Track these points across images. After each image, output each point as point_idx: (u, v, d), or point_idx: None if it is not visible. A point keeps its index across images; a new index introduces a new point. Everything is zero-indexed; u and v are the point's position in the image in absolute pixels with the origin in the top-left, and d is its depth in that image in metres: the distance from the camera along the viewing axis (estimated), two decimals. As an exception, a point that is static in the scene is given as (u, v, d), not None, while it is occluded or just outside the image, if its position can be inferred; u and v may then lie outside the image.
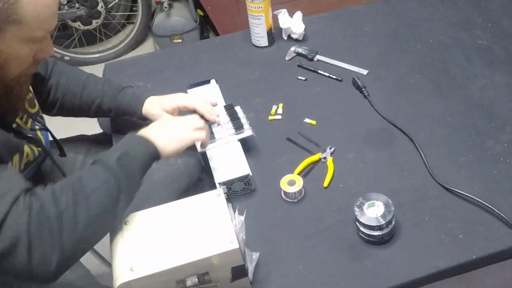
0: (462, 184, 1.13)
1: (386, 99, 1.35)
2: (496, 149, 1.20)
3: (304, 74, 1.45)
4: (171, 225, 0.94)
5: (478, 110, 1.29)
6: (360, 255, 1.05)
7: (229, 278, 0.96)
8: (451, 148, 1.21)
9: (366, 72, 1.42)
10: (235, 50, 1.57)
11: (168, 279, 0.90)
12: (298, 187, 1.14)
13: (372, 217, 1.03)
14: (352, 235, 1.08)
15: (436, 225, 1.07)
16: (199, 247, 0.90)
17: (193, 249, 0.90)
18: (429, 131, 1.26)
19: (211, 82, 1.38)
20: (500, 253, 1.03)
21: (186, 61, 1.57)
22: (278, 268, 1.05)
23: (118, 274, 0.89)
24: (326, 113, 1.34)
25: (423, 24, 1.55)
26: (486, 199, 1.10)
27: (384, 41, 1.52)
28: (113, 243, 0.94)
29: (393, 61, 1.45)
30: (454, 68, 1.40)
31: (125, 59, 1.65)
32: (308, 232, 1.10)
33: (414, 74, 1.40)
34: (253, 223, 1.13)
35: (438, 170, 1.17)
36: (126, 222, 0.96)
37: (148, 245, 0.92)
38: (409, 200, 1.12)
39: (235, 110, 1.26)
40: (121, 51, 2.98)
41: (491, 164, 1.17)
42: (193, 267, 0.90)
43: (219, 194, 0.98)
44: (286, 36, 1.57)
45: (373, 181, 1.17)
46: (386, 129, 1.28)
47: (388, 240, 1.06)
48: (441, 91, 1.35)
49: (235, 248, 0.89)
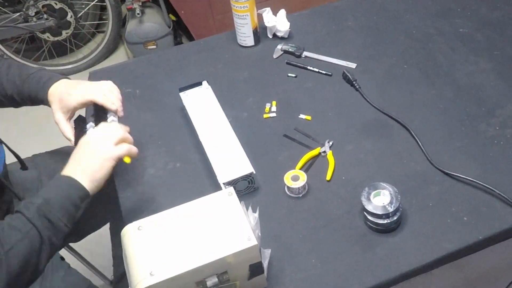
0: (461, 168, 1.16)
1: (377, 90, 1.37)
2: (489, 132, 1.23)
3: (293, 71, 1.46)
4: (186, 227, 0.93)
5: (467, 95, 1.32)
6: (370, 243, 1.06)
7: (247, 276, 0.96)
8: (446, 134, 1.24)
9: (354, 66, 1.44)
10: (221, 51, 1.57)
11: (188, 281, 0.90)
12: (303, 181, 1.15)
13: (380, 206, 1.05)
14: (360, 225, 1.09)
15: (440, 209, 1.10)
16: (217, 246, 0.90)
17: (211, 249, 0.89)
18: (422, 119, 1.28)
19: (203, 83, 1.37)
20: (504, 231, 1.06)
21: (174, 64, 1.55)
22: (291, 263, 1.05)
23: (138, 280, 0.87)
24: (320, 108, 1.35)
25: (404, 15, 1.58)
26: (485, 180, 1.13)
27: (368, 35, 1.54)
28: (128, 250, 0.92)
29: (379, 53, 1.48)
30: (439, 56, 1.44)
31: (111, 67, 1.63)
32: (317, 226, 1.10)
33: (401, 65, 1.43)
34: (260, 220, 1.12)
35: (436, 156, 1.19)
36: (140, 227, 0.94)
37: (165, 249, 0.90)
38: (412, 187, 1.15)
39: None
40: (93, 60, 2.93)
41: (486, 146, 1.20)
42: (212, 267, 0.90)
43: (231, 192, 0.98)
44: (271, 34, 1.58)
45: (374, 171, 1.19)
46: (380, 119, 1.30)
47: (396, 227, 1.08)
48: (429, 79, 1.38)
49: (254, 244, 0.89)
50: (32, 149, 1.56)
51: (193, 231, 0.93)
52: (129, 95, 1.46)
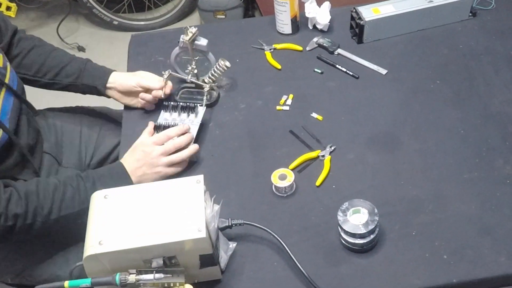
0: (460, 202, 1.08)
1: (400, 102, 1.30)
2: (505, 170, 1.13)
3: (321, 66, 1.41)
4: (148, 205, 0.95)
5: (494, 125, 1.21)
6: (337, 260, 1.03)
7: (198, 264, 0.96)
8: (457, 162, 1.16)
9: (385, 72, 1.37)
10: (258, 34, 1.54)
11: (135, 257, 0.92)
12: (289, 182, 1.13)
13: (354, 225, 1.01)
14: (333, 238, 1.05)
15: (422, 241, 1.03)
16: (167, 230, 0.91)
17: (161, 232, 0.90)
18: (437, 141, 1.20)
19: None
20: (483, 280, 0.98)
21: (210, 39, 1.55)
22: (253, 262, 1.04)
23: (87, 246, 0.91)
24: (334, 109, 1.30)
25: (455, 27, 1.46)
26: (481, 222, 1.05)
27: (410, 42, 1.45)
28: (90, 215, 0.96)
29: (415, 63, 1.39)
30: (479, 78, 1.32)
31: (152, 32, 1.67)
32: (291, 229, 1.08)
33: (434, 79, 1.34)
34: (239, 212, 1.13)
35: (438, 184, 1.12)
36: (106, 196, 0.98)
37: (120, 221, 0.93)
38: (400, 211, 1.08)
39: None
40: (167, 21, 3.01)
41: (496, 185, 1.11)
42: (160, 249, 0.91)
43: (199, 180, 0.98)
44: (312, 25, 1.53)
45: (367, 186, 1.14)
46: (393, 133, 1.23)
47: (368, 249, 1.03)
48: (458, 101, 1.28)
49: (202, 237, 0.89)
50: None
51: (152, 211, 0.94)
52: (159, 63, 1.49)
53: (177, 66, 1.39)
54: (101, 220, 0.94)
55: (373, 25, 1.41)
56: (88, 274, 0.94)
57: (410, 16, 1.42)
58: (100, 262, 0.92)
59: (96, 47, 3.02)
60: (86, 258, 0.90)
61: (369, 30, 1.42)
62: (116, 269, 0.93)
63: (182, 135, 1.22)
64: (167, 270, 0.93)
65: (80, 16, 3.20)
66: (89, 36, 3.11)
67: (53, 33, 3.01)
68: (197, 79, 1.36)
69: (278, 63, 1.43)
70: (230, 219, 1.04)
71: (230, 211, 1.12)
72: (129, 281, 0.89)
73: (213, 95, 1.36)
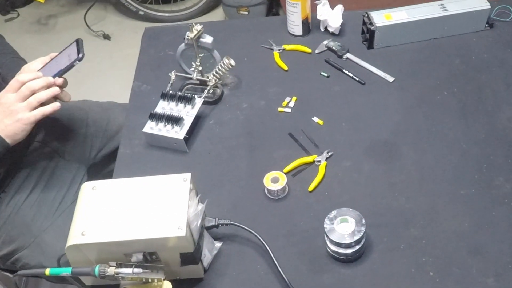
0: (453, 219, 1.06)
1: (403, 112, 1.27)
2: (504, 189, 1.10)
3: (328, 70, 1.39)
4: (133, 199, 0.96)
5: (498, 142, 1.18)
6: (321, 268, 1.02)
7: (179, 262, 0.97)
8: (455, 177, 1.13)
9: (392, 80, 1.34)
10: (269, 34, 1.53)
11: (117, 250, 0.93)
12: (280, 185, 1.12)
13: (340, 234, 0.99)
14: (320, 246, 1.04)
15: (409, 255, 1.01)
16: (148, 226, 0.91)
17: (142, 228, 0.91)
18: (436, 154, 1.17)
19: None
20: (468, 300, 0.95)
21: (221, 36, 1.55)
22: (237, 263, 1.04)
23: (70, 236, 0.92)
24: (337, 114, 1.28)
25: (469, 37, 1.42)
26: (472, 240, 1.02)
27: (421, 50, 1.41)
28: (77, 205, 0.97)
29: (424, 72, 1.36)
30: (488, 91, 1.28)
31: (166, 26, 1.67)
32: (278, 233, 1.08)
33: (442, 90, 1.30)
34: (229, 211, 1.13)
35: (432, 198, 1.09)
36: (94, 187, 0.99)
37: (104, 214, 0.94)
38: (390, 223, 1.07)
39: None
40: (191, 14, 3.02)
41: (493, 204, 1.07)
42: (140, 244, 0.92)
43: (186, 179, 0.98)
44: (323, 28, 1.51)
45: (360, 195, 1.12)
46: (392, 143, 1.21)
47: (354, 259, 1.02)
48: (464, 114, 1.24)
49: (182, 235, 0.90)
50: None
51: (137, 206, 0.95)
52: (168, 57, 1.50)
53: (183, 62, 1.40)
54: (86, 211, 0.95)
55: (384, 31, 1.39)
56: (71, 263, 0.96)
57: (423, 24, 1.39)
58: (82, 253, 0.93)
59: (121, 36, 3.07)
60: (68, 247, 0.92)
61: (380, 36, 1.40)
62: (98, 260, 0.94)
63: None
64: (146, 265, 0.93)
65: (108, 4, 3.24)
66: (115, 25, 3.15)
67: (81, 20, 3.06)
68: (202, 76, 1.37)
69: (285, 64, 1.42)
70: (217, 218, 1.04)
71: (220, 210, 1.13)
72: (108, 273, 0.90)
73: (217, 93, 1.36)
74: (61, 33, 3.15)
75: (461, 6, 1.39)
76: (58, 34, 3.15)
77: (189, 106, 1.27)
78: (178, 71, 1.38)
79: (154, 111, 1.27)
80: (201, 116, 1.32)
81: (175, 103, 1.28)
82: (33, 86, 1.15)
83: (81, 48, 1.20)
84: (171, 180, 0.99)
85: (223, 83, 1.39)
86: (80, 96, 1.28)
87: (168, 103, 1.29)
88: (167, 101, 1.29)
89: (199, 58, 1.34)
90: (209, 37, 1.32)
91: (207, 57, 1.36)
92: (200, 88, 1.37)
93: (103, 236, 0.91)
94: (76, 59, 1.19)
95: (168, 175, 1.00)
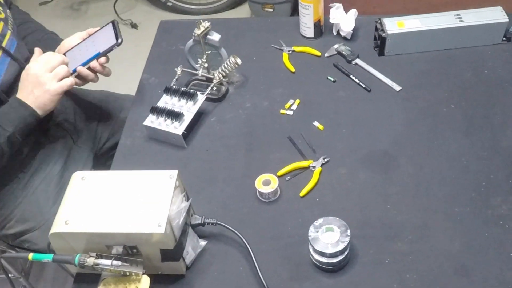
0: (443, 236, 1.03)
1: (407, 122, 1.24)
2: (500, 210, 1.06)
3: (335, 75, 1.37)
4: (119, 193, 0.97)
5: (501, 161, 1.14)
6: (303, 276, 1.01)
7: (159, 257, 0.97)
8: (451, 193, 1.10)
9: (398, 89, 1.31)
10: (281, 34, 1.52)
11: (98, 241, 0.94)
12: (271, 188, 1.11)
13: (324, 243, 0.98)
14: (304, 253, 1.03)
15: (393, 270, 0.99)
16: (129, 221, 0.92)
17: (123, 221, 0.92)
18: (435, 169, 1.14)
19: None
20: (447, 321, 0.93)
21: (233, 34, 1.55)
22: (220, 262, 1.04)
23: (55, 224, 0.94)
24: (338, 120, 1.27)
25: (485, 51, 1.38)
26: (461, 260, 0.99)
27: (433, 60, 1.38)
28: (66, 193, 0.99)
29: (433, 83, 1.32)
30: (497, 108, 1.24)
31: (181, 20, 1.68)
32: (264, 236, 1.07)
33: (449, 103, 1.27)
34: (219, 210, 1.13)
35: (425, 213, 1.07)
36: (83, 178, 1.00)
37: (90, 205, 0.95)
38: (378, 236, 1.05)
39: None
40: (218, 8, 3.03)
41: (487, 224, 1.04)
42: (121, 238, 0.93)
43: (172, 176, 0.98)
44: (336, 31, 1.49)
45: (351, 204, 1.10)
46: (391, 153, 1.18)
47: (336, 270, 1.01)
48: (468, 129, 1.21)
49: (161, 232, 0.90)
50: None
51: (122, 199, 0.96)
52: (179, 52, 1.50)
53: (191, 57, 1.40)
54: (73, 200, 0.97)
55: (395, 38, 1.36)
56: (56, 250, 0.98)
57: (437, 34, 1.35)
58: (65, 241, 0.95)
59: (148, 25, 3.09)
60: (51, 235, 0.94)
61: (391, 44, 1.37)
62: (80, 249, 0.96)
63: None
64: (126, 258, 0.94)
65: (138, -7, 3.28)
66: (143, 15, 3.18)
67: (110, 7, 3.11)
68: (208, 73, 1.37)
69: (292, 66, 1.41)
70: (203, 217, 1.04)
71: (210, 208, 1.13)
72: (87, 263, 0.91)
73: (221, 90, 1.36)
74: (91, 19, 3.21)
75: (478, 18, 1.35)
76: (88, 20, 3.21)
77: (191, 102, 1.27)
78: (185, 66, 1.39)
79: (156, 105, 1.28)
80: (204, 112, 1.33)
81: (178, 98, 1.28)
82: (61, 58, 1.20)
83: (119, 33, 1.25)
84: (157, 176, 0.99)
85: (229, 81, 1.39)
86: (101, 80, 1.30)
87: (171, 97, 1.29)
88: (170, 95, 1.29)
89: (205, 55, 1.34)
90: (216, 34, 1.32)
91: (215, 54, 1.36)
92: (206, 84, 1.37)
93: (85, 227, 0.92)
94: (115, 44, 1.23)
95: (156, 171, 1.00)
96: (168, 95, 1.30)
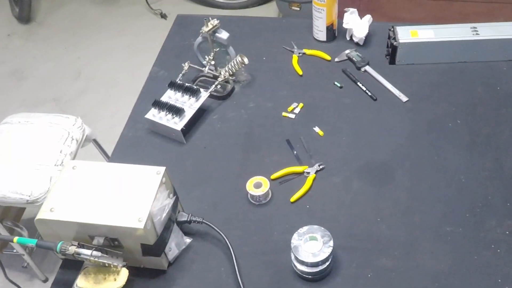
0: (430, 256, 1.00)
1: (409, 134, 1.21)
2: (493, 233, 1.03)
3: (343, 80, 1.35)
4: (106, 184, 0.98)
5: (501, 183, 1.10)
6: (283, 283, 1.00)
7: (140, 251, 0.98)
8: (444, 212, 1.07)
9: (405, 100, 1.29)
10: (294, 36, 1.51)
11: (81, 230, 0.95)
12: (262, 192, 1.11)
13: (306, 252, 0.97)
14: (286, 260, 1.02)
15: (375, 285, 0.98)
16: (111, 213, 0.93)
17: (106, 213, 0.93)
18: (432, 185, 1.11)
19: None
20: None
21: (245, 33, 1.55)
22: (203, 261, 1.05)
23: (41, 210, 0.96)
24: (339, 127, 1.25)
25: (498, 66, 1.33)
26: (446, 282, 0.97)
27: (444, 72, 1.34)
28: (57, 181, 1.01)
29: (442, 96, 1.28)
30: (504, 126, 1.20)
31: (197, 16, 1.67)
32: (250, 239, 1.07)
33: (455, 118, 1.23)
34: (209, 209, 1.13)
35: (414, 230, 1.04)
36: (74, 167, 1.02)
37: (76, 194, 0.97)
38: (365, 250, 1.03)
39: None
40: (247, 4, 3.03)
41: (477, 246, 1.01)
42: (102, 229, 0.94)
43: (159, 172, 0.99)
44: (349, 36, 1.46)
45: (341, 214, 1.09)
46: (389, 165, 1.16)
47: (316, 280, 0.99)
48: (471, 146, 1.17)
49: (140, 227, 0.91)
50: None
51: (108, 191, 0.97)
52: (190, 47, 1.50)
53: (199, 54, 1.40)
54: (61, 189, 0.99)
55: (407, 48, 1.33)
56: (42, 235, 1.00)
57: (450, 46, 1.32)
58: (49, 227, 0.97)
59: (177, 17, 3.12)
60: (36, 220, 0.96)
61: (403, 53, 1.34)
62: (65, 237, 0.97)
63: None
64: (107, 250, 0.96)
65: (170, -16, 3.31)
66: (173, 5, 3.21)
67: (142, -4, 3.16)
68: (215, 70, 1.37)
69: (301, 69, 1.39)
70: (190, 214, 1.05)
71: (200, 206, 1.13)
72: (68, 251, 0.93)
73: (227, 88, 1.36)
74: (122, 7, 3.26)
75: (495, 32, 1.31)
76: (120, 8, 3.26)
77: (194, 98, 1.27)
78: (193, 62, 1.39)
79: (159, 99, 1.28)
80: (207, 109, 1.33)
81: (181, 94, 1.29)
82: None
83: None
84: (145, 171, 1.00)
85: (236, 80, 1.39)
86: (126, 67, 1.31)
87: (174, 92, 1.30)
88: (174, 90, 1.30)
89: (213, 52, 1.34)
90: (225, 32, 1.31)
91: (223, 52, 1.36)
92: (213, 81, 1.37)
93: (68, 215, 0.94)
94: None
95: (144, 166, 1.01)
96: (172, 90, 1.30)
